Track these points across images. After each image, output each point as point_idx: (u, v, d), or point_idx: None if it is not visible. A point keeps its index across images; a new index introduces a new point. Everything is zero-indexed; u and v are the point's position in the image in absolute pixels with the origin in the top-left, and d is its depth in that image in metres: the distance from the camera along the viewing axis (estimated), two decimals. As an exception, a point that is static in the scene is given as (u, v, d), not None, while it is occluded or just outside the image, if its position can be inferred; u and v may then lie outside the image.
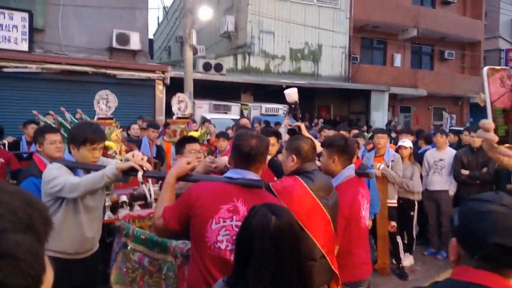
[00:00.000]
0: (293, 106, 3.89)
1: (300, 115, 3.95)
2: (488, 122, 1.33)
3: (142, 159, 2.35)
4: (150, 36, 18.18)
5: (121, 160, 2.64)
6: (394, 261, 5.48)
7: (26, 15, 10.53)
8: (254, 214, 1.66)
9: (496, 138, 1.32)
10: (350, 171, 2.98)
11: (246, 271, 1.61)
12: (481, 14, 21.91)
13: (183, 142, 3.21)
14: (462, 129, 8.84)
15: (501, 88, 1.34)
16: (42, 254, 0.66)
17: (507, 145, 1.35)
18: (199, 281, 2.02)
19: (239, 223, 1.81)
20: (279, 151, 4.11)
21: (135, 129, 7.73)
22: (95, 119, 4.30)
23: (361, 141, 6.74)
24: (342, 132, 6.18)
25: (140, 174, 2.31)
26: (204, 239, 2.01)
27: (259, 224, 1.63)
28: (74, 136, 2.78)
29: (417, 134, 8.16)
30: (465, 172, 5.80)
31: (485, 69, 1.36)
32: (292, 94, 3.87)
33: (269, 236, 1.60)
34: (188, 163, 2.28)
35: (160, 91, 12.39)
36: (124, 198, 4.01)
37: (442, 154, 6.15)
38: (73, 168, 2.74)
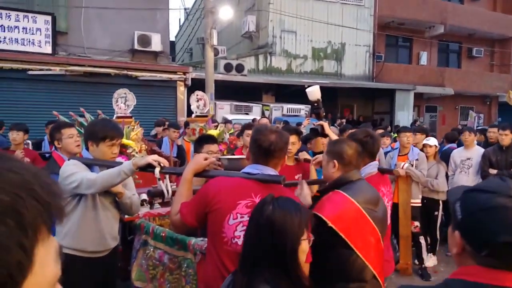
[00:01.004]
0: (315, 104, 3.80)
1: (324, 113, 3.85)
2: None
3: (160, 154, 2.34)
4: (172, 38, 18.34)
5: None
6: (416, 262, 5.37)
7: (49, 18, 10.71)
8: (260, 201, 1.68)
9: None
10: (371, 168, 2.88)
11: None
12: (513, 8, 21.06)
13: (201, 142, 3.23)
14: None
15: None
16: (24, 245, 0.54)
17: None
18: (216, 277, 1.99)
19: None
20: (300, 150, 4.05)
21: None
22: (114, 117, 4.33)
23: (387, 141, 6.65)
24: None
25: (157, 170, 2.31)
26: (221, 235, 1.99)
27: (255, 210, 1.66)
28: (93, 132, 2.79)
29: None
30: (493, 171, 5.58)
31: None
32: (314, 92, 3.79)
33: (255, 221, 1.61)
34: (205, 159, 2.25)
35: (182, 92, 12.44)
36: (144, 196, 4.02)
37: (470, 153, 5.95)
38: (90, 165, 2.76)
